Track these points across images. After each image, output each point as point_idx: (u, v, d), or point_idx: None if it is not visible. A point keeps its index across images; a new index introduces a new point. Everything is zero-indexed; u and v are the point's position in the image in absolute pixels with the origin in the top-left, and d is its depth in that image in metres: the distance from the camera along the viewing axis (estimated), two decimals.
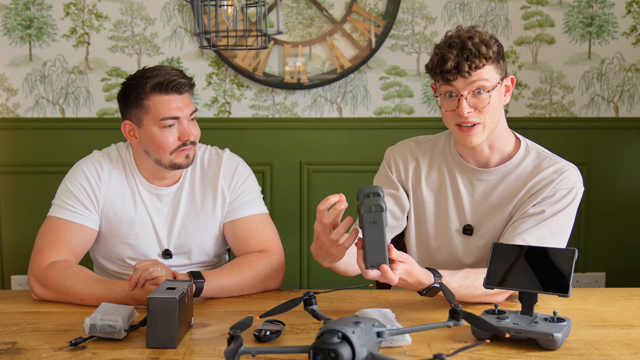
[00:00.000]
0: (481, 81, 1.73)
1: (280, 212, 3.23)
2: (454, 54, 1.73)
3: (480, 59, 1.72)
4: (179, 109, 1.88)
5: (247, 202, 2.00)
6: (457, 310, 1.42)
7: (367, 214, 1.41)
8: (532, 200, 1.80)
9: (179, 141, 1.89)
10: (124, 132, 1.94)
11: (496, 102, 1.77)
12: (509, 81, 1.83)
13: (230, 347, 1.26)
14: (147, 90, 1.87)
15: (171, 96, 1.88)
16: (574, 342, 1.47)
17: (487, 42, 1.75)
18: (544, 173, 1.82)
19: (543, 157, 1.86)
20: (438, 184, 1.92)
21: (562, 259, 1.49)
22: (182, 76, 1.90)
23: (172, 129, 1.88)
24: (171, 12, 3.15)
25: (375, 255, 1.42)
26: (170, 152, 1.89)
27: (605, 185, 3.27)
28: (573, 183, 1.80)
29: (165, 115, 1.87)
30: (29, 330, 1.57)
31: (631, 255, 3.32)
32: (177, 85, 1.88)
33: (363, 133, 3.23)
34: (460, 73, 1.72)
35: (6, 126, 3.17)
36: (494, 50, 1.75)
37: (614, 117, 3.25)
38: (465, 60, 1.72)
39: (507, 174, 1.85)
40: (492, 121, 1.78)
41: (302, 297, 1.52)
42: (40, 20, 3.13)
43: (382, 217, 1.41)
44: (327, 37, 3.17)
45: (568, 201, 1.79)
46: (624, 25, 3.20)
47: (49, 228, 1.90)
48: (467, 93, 1.74)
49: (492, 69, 1.75)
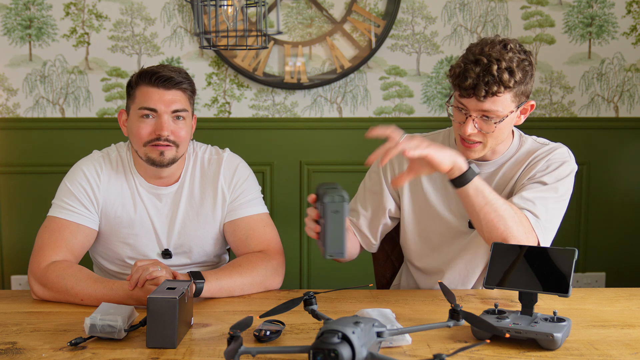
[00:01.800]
0: (493, 109, 1.70)
1: (280, 212, 3.23)
2: (475, 73, 1.67)
3: (499, 87, 1.67)
4: (161, 101, 1.88)
5: (247, 202, 2.00)
6: (457, 310, 1.42)
7: (331, 203, 1.43)
8: (527, 174, 1.81)
9: (153, 134, 1.89)
10: (119, 121, 1.99)
11: (504, 127, 1.75)
12: (528, 106, 1.78)
13: (230, 347, 1.26)
14: (138, 80, 1.91)
15: (157, 89, 1.88)
16: (574, 342, 1.47)
17: (512, 70, 1.67)
18: (537, 153, 1.83)
19: (538, 144, 1.88)
20: (439, 179, 1.91)
21: (562, 259, 1.50)
22: (176, 74, 1.89)
23: (149, 120, 1.89)
24: (171, 12, 3.15)
25: (335, 244, 1.44)
26: (144, 144, 1.90)
27: (605, 185, 3.27)
28: (565, 157, 1.82)
29: (143, 105, 1.88)
30: (29, 330, 1.57)
31: (631, 255, 3.32)
32: (161, 78, 1.87)
33: (363, 133, 3.20)
34: (476, 95, 1.68)
35: (6, 126, 3.17)
36: (517, 78, 1.68)
37: (614, 117, 3.25)
38: (485, 85, 1.67)
39: (503, 164, 1.86)
40: (495, 142, 1.78)
41: (302, 297, 1.52)
42: (40, 20, 3.13)
43: (343, 207, 1.43)
44: (327, 37, 3.17)
45: (564, 172, 1.79)
46: (624, 25, 3.20)
47: (48, 228, 1.90)
48: (475, 115, 1.72)
49: (509, 97, 1.70)
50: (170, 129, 1.89)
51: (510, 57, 1.69)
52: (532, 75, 1.74)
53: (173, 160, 1.92)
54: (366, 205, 1.97)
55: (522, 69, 1.70)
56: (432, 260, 1.95)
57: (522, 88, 1.72)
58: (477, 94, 1.68)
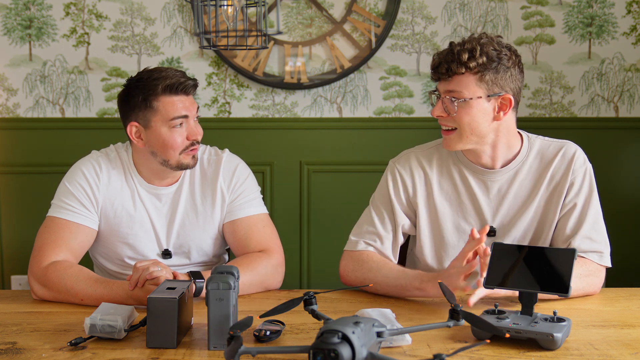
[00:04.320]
0: (457, 89, 1.77)
1: (280, 212, 3.23)
2: (442, 56, 1.79)
3: (459, 66, 1.74)
4: (187, 108, 1.91)
5: (246, 202, 2.01)
6: (457, 310, 1.42)
7: (214, 290, 1.41)
8: (555, 194, 1.86)
9: (187, 141, 1.91)
10: (129, 134, 1.93)
11: (476, 115, 1.77)
12: (506, 101, 1.78)
13: (230, 347, 1.26)
14: (158, 91, 1.88)
15: (180, 97, 1.90)
16: (574, 342, 1.47)
17: (473, 51, 1.74)
18: (556, 162, 1.88)
19: (546, 144, 1.91)
20: (451, 190, 1.91)
21: (562, 259, 1.50)
22: (188, 77, 1.93)
23: (180, 128, 1.90)
24: (171, 12, 3.15)
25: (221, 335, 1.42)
26: (180, 152, 1.91)
27: (605, 185, 3.26)
28: (582, 161, 1.90)
29: (175, 115, 1.89)
30: (29, 330, 1.57)
31: (631, 255, 3.32)
32: (186, 87, 1.91)
33: (363, 133, 3.23)
34: (440, 73, 1.78)
35: (6, 126, 3.17)
36: (480, 61, 1.74)
37: (614, 117, 3.25)
38: (445, 63, 1.77)
39: (518, 170, 1.87)
40: (470, 131, 1.79)
41: (302, 297, 1.52)
42: (40, 20, 3.13)
43: (229, 294, 1.41)
44: (327, 37, 3.17)
45: (589, 179, 1.88)
46: (624, 25, 3.20)
47: (48, 228, 1.90)
48: (443, 96, 1.80)
49: (473, 80, 1.75)
50: (200, 132, 1.94)
51: (479, 43, 1.77)
52: (507, 68, 1.77)
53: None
54: (386, 226, 1.94)
55: (487, 55, 1.75)
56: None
57: (492, 76, 1.76)
58: (440, 71, 1.78)
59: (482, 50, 1.74)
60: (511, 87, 1.79)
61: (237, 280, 1.46)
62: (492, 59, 1.75)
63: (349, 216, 2.26)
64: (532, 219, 1.87)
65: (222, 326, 1.41)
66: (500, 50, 1.77)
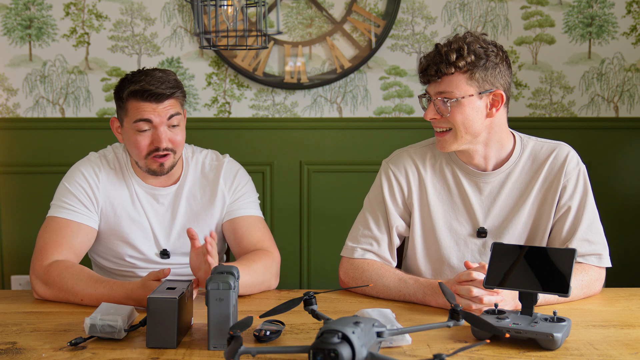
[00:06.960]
0: (448, 90, 1.76)
1: (280, 212, 3.23)
2: (430, 57, 1.79)
3: (448, 66, 1.74)
4: (154, 115, 1.88)
5: (246, 204, 2.02)
6: (457, 310, 1.42)
7: (214, 290, 1.41)
8: (549, 196, 1.85)
9: (152, 146, 1.90)
10: (112, 127, 1.99)
11: (469, 113, 1.77)
12: (498, 97, 1.79)
13: (230, 347, 1.26)
14: (127, 94, 1.89)
15: (149, 103, 1.88)
16: (574, 342, 1.47)
17: (461, 50, 1.74)
18: (549, 165, 1.86)
19: (539, 146, 1.90)
20: (444, 190, 1.91)
21: (562, 259, 1.50)
22: (166, 86, 1.88)
23: (146, 133, 1.89)
24: (171, 12, 3.15)
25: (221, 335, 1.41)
26: (145, 157, 1.91)
27: (605, 185, 3.26)
28: (575, 162, 1.87)
29: (138, 118, 1.88)
30: (29, 330, 1.57)
31: (631, 255, 3.32)
32: (154, 95, 1.87)
33: (363, 133, 3.23)
34: (429, 76, 1.78)
35: (6, 126, 3.17)
36: (468, 60, 1.74)
37: (614, 117, 3.25)
38: (434, 64, 1.77)
39: (510, 172, 1.87)
40: (465, 131, 1.79)
41: (302, 297, 1.52)
42: (40, 20, 3.13)
43: (229, 294, 1.41)
44: (327, 37, 3.17)
45: (583, 180, 1.87)
46: (624, 25, 3.20)
47: (49, 228, 1.90)
48: (435, 98, 1.79)
49: (463, 79, 1.75)
50: (167, 138, 1.90)
51: (465, 42, 1.77)
52: (495, 64, 1.77)
53: (172, 167, 1.94)
54: (381, 228, 1.94)
55: (475, 52, 1.75)
56: (445, 271, 1.93)
57: (481, 73, 1.76)
58: (429, 74, 1.78)
59: (469, 49, 1.75)
60: (501, 82, 1.79)
61: (237, 280, 1.46)
62: (480, 57, 1.75)
63: (349, 216, 2.26)
64: (526, 221, 1.87)
65: (222, 326, 1.41)
66: (486, 47, 1.77)
